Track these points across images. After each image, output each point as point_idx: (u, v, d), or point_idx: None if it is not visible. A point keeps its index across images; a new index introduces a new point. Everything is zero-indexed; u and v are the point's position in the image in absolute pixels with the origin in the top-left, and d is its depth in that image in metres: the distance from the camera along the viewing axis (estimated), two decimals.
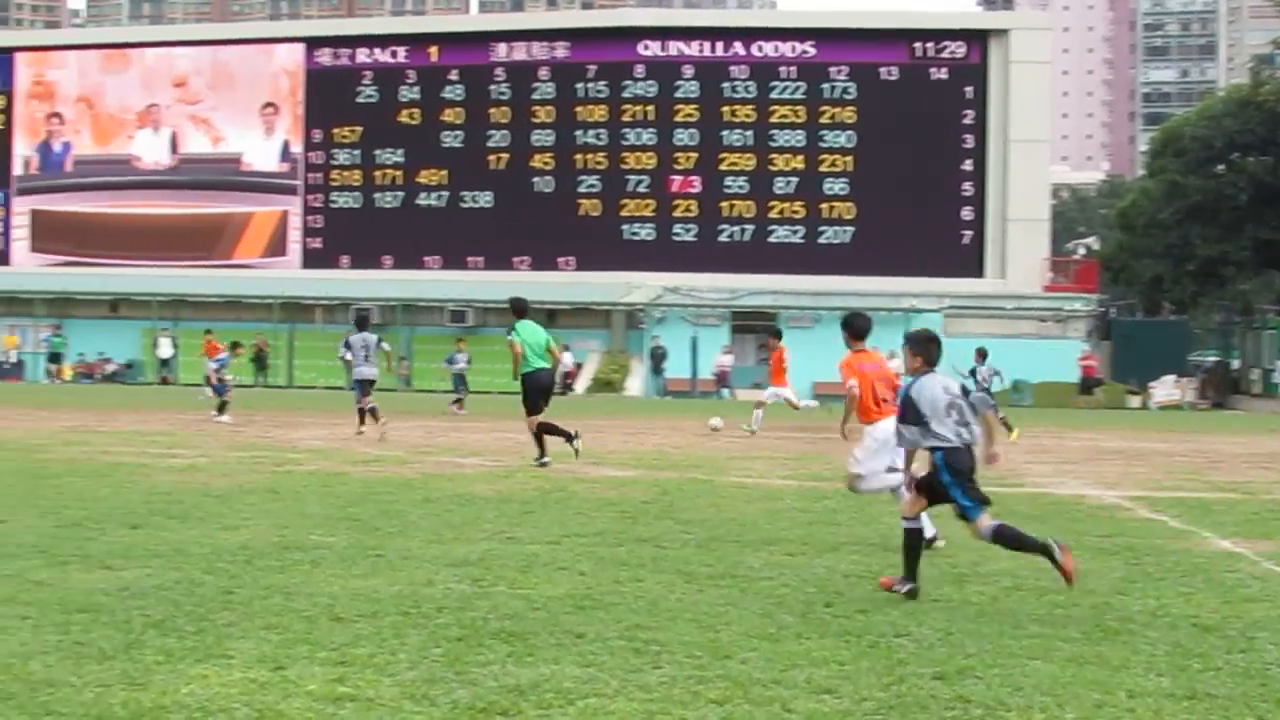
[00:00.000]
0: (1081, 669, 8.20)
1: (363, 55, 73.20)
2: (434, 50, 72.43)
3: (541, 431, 22.55)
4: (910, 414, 10.78)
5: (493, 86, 71.24)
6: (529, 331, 22.92)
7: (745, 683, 7.71)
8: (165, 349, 69.09)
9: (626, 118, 69.77)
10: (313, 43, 74.86)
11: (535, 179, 70.31)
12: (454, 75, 71.72)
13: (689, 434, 33.35)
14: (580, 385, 65.46)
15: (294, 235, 73.55)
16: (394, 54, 72.77)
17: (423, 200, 71.64)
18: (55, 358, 70.78)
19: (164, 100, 75.54)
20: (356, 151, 72.81)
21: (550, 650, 8.41)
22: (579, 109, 70.23)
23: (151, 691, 7.31)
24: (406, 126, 72.02)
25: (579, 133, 70.11)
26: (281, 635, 8.71)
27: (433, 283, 69.33)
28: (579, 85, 70.28)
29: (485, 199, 70.72)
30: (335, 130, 73.12)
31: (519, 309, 23.36)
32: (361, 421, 29.52)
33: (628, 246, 68.88)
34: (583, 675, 7.80)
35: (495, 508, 15.94)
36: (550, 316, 67.03)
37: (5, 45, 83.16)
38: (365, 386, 29.97)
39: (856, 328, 14.45)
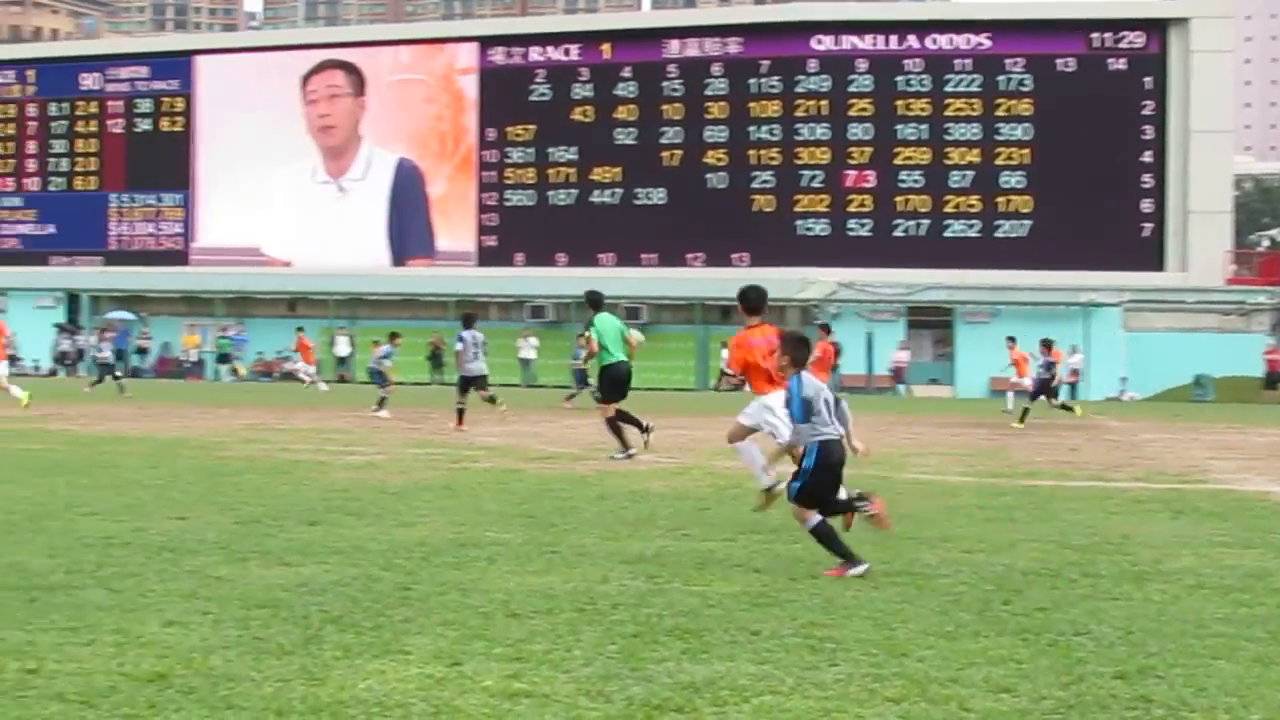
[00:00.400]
0: (1267, 669, 8.01)
1: (535, 54, 73.61)
2: (607, 47, 72.68)
3: (617, 419, 23.18)
4: (806, 410, 11.24)
5: (665, 83, 71.34)
6: (606, 324, 23.58)
7: (922, 681, 7.63)
8: (342, 347, 70.06)
9: (800, 113, 69.55)
10: (486, 41, 75.40)
11: (709, 175, 70.34)
12: (627, 72, 71.93)
13: (864, 430, 33.12)
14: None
15: (469, 233, 74.17)
16: (567, 52, 73.13)
17: (596, 197, 71.93)
18: (224, 358, 72.04)
19: None
20: (530, 149, 73.23)
21: (725, 647, 8.38)
22: (752, 104, 70.14)
23: (330, 686, 7.38)
24: (580, 124, 72.35)
25: (752, 128, 70.03)
26: (458, 631, 8.75)
27: (607, 280, 69.38)
28: (752, 81, 70.18)
29: (659, 196, 70.86)
30: (509, 128, 73.61)
31: (595, 302, 24.18)
32: (460, 421, 30.43)
33: (802, 242, 68.68)
34: (758, 672, 7.76)
35: (670, 504, 15.94)
36: (724, 313, 67.17)
37: (185, 48, 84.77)
38: (478, 382, 31.17)
39: (751, 301, 14.85)
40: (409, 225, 75.26)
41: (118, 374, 48.77)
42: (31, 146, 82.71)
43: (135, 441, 25.41)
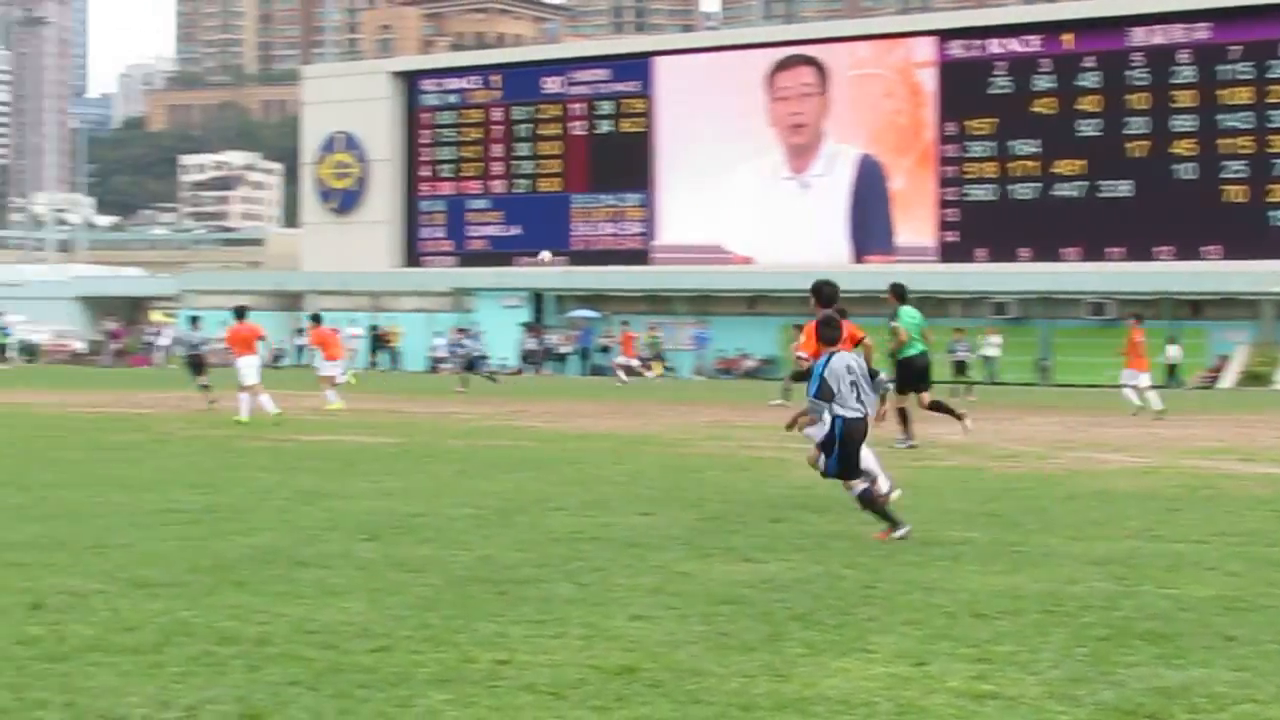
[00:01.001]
0: None
1: (995, 46, 72.74)
2: (1068, 38, 71.33)
3: (934, 409, 23.97)
4: (824, 390, 12.59)
5: (1130, 72, 69.67)
6: (910, 316, 24.15)
7: None
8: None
9: (1274, 99, 67.03)
10: (945, 35, 74.88)
11: (1176, 166, 68.37)
12: (1089, 62, 70.47)
13: None
14: (1228, 379, 63.38)
15: (929, 228, 73.72)
16: (1027, 43, 72.07)
17: (1059, 190, 70.67)
18: (657, 357, 72.95)
19: None
20: (991, 143, 72.37)
21: (1200, 653, 8.14)
22: (1221, 92, 67.88)
23: (794, 683, 7.41)
24: (1041, 116, 71.17)
25: (1222, 116, 67.79)
26: (922, 630, 8.71)
27: (1071, 275, 68.24)
28: (1221, 67, 67.96)
29: (1124, 188, 69.21)
30: (969, 122, 72.88)
31: (901, 294, 24.54)
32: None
33: (1276, 233, 66.22)
34: (1236, 680, 7.52)
35: (1138, 504, 15.58)
36: (1195, 308, 65.24)
37: (645, 50, 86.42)
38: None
39: (825, 295, 15.08)
40: (870, 221, 75.16)
41: (489, 370, 48.80)
42: (497, 150, 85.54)
43: (599, 438, 26.04)
